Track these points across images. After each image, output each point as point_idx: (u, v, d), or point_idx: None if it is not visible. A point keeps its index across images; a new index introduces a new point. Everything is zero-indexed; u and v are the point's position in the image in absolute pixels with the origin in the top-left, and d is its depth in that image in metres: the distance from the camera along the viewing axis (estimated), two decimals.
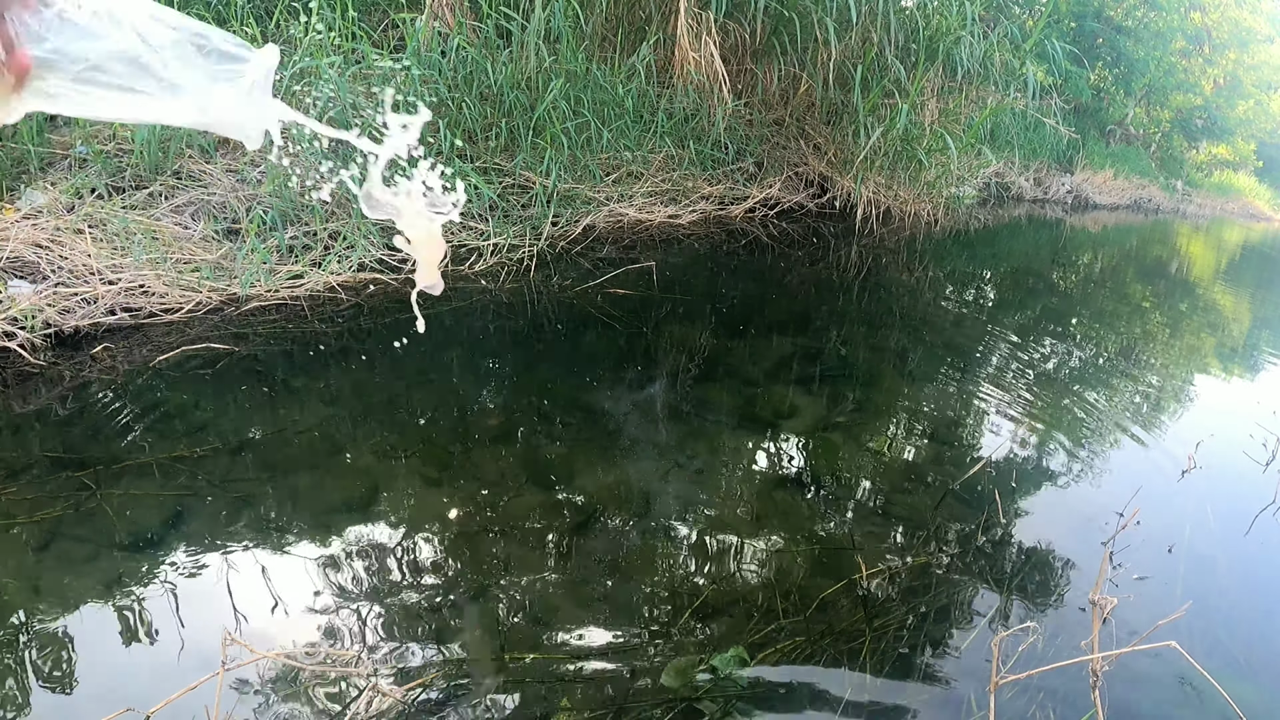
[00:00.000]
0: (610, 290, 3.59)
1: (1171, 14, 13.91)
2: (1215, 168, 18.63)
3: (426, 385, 2.58)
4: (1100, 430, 2.87)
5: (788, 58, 5.53)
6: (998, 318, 4.46)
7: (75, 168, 3.39)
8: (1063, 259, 7.04)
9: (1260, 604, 1.95)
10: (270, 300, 2.99)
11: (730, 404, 2.66)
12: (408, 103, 3.90)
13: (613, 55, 5.06)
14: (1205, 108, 16.51)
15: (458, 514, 1.90)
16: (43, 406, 2.18)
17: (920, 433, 2.67)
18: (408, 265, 3.45)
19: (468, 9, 4.59)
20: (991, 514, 2.12)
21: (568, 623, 1.58)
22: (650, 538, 1.88)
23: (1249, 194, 18.72)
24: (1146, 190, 13.73)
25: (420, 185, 0.61)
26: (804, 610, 1.67)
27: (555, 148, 4.39)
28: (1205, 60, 15.92)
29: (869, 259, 5.24)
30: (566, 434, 2.33)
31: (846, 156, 5.91)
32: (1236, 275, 8.50)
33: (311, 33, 3.78)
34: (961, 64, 5.60)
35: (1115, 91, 13.84)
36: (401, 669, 1.43)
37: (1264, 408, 3.21)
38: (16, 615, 1.48)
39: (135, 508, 1.78)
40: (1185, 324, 5.06)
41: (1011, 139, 8.21)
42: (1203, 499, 2.36)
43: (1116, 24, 13.48)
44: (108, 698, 1.31)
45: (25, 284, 2.64)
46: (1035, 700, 1.49)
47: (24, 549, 1.63)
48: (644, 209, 4.89)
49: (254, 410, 2.30)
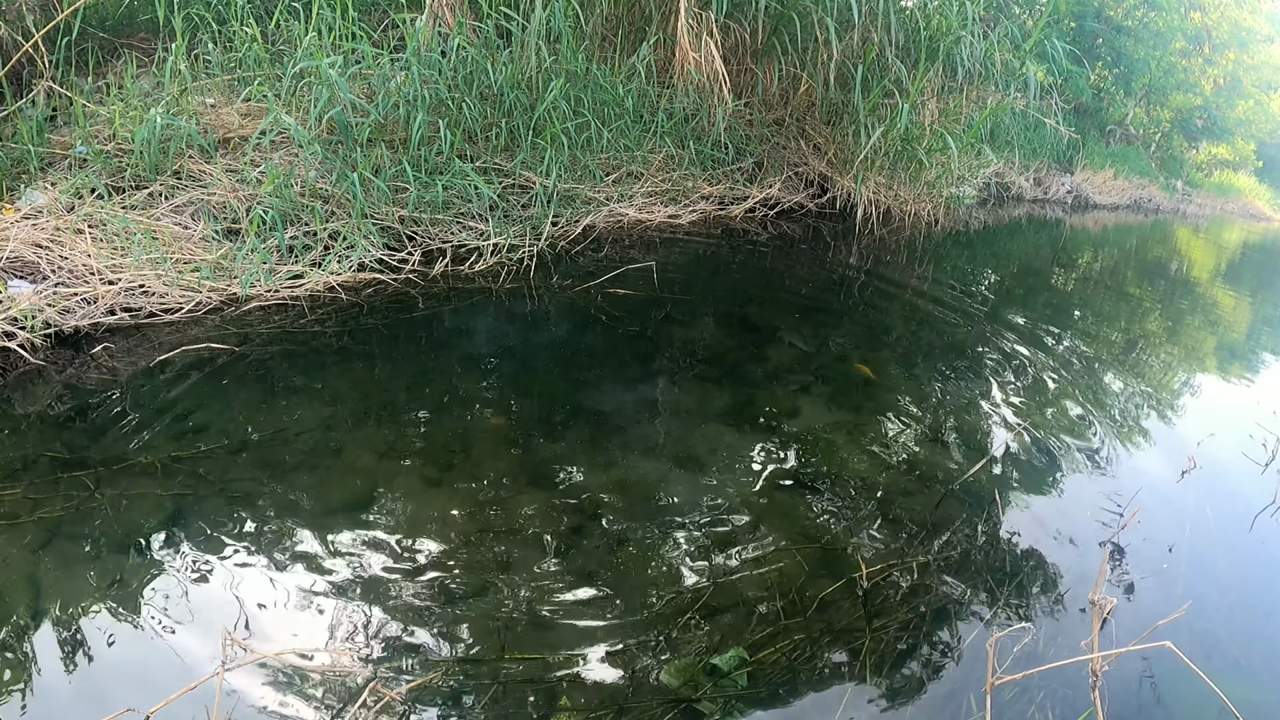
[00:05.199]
0: (610, 290, 3.59)
1: (1171, 14, 13.90)
2: (1215, 168, 18.62)
3: (426, 385, 2.58)
4: (1100, 430, 2.87)
5: (788, 58, 5.53)
6: (998, 318, 4.46)
7: (75, 168, 3.39)
8: (1063, 259, 7.04)
9: (1260, 604, 1.95)
10: (270, 300, 2.99)
11: (730, 404, 2.66)
12: (407, 103, 3.90)
13: (613, 55, 5.06)
14: (1205, 108, 16.49)
15: (457, 514, 1.90)
16: (43, 406, 2.18)
17: (920, 433, 2.67)
18: (408, 265, 3.45)
19: (468, 9, 4.59)
20: (991, 514, 2.12)
21: (568, 623, 1.58)
22: (650, 538, 1.88)
23: (1249, 194, 18.71)
24: (1146, 190, 13.73)
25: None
26: (804, 610, 1.67)
27: (555, 148, 4.39)
28: (1205, 60, 15.91)
29: (869, 259, 5.24)
30: (566, 434, 2.33)
31: (846, 156, 5.91)
32: (1236, 275, 8.50)
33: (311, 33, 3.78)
34: (962, 64, 5.60)
35: (1115, 91, 13.83)
36: (401, 669, 1.43)
37: (1264, 408, 3.21)
38: (16, 615, 1.48)
39: (135, 508, 1.78)
40: (1185, 324, 5.06)
41: (1011, 139, 8.21)
42: (1203, 499, 2.36)
43: (1116, 24, 13.47)
44: (108, 698, 1.31)
45: (25, 284, 2.64)
46: (1035, 700, 1.49)
47: (24, 549, 1.63)
48: (644, 209, 4.89)
49: (254, 410, 2.30)
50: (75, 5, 3.67)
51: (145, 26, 4.74)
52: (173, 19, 4.03)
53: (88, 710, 1.29)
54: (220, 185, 3.45)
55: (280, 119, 3.64)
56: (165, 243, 3.03)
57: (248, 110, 4.01)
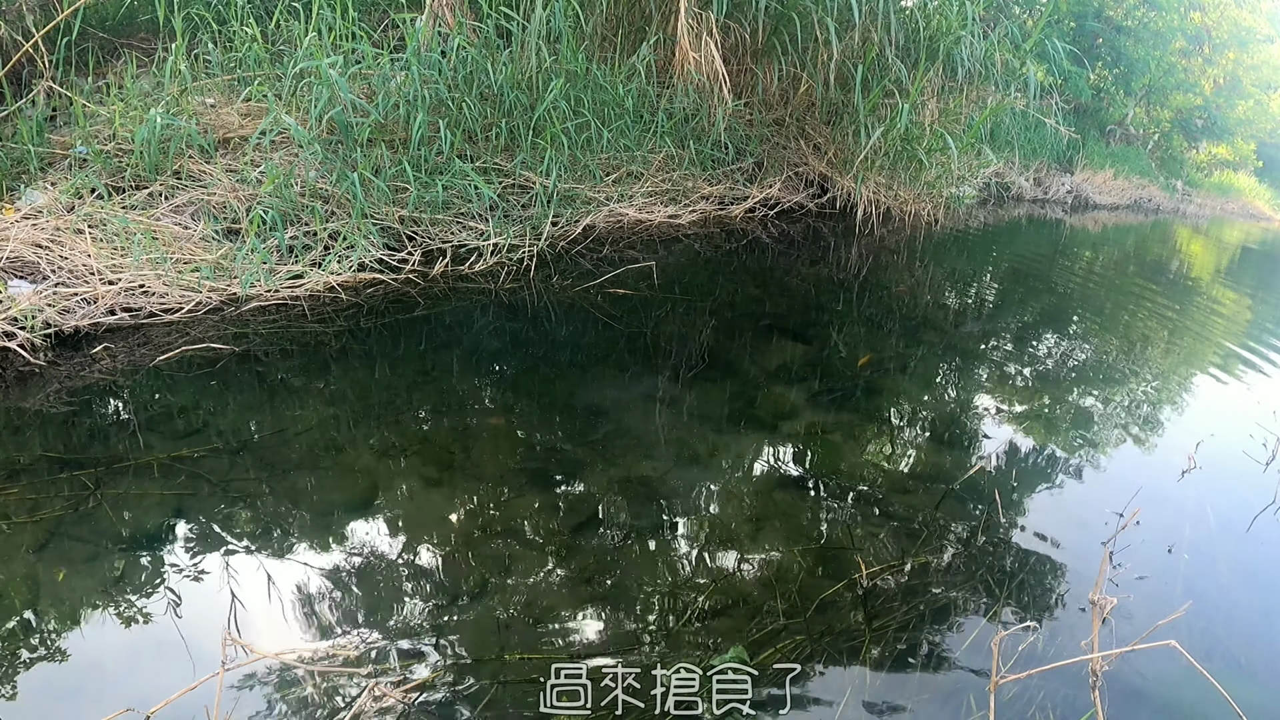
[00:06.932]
0: (610, 290, 3.59)
1: (1171, 14, 13.91)
2: (1215, 168, 18.63)
3: (427, 385, 2.58)
4: (1100, 430, 2.87)
5: (788, 58, 5.53)
6: (998, 317, 4.46)
7: (75, 168, 3.39)
8: (1063, 259, 7.04)
9: (1260, 604, 1.95)
10: (270, 300, 2.99)
11: (730, 404, 2.66)
12: (407, 103, 3.90)
13: (613, 55, 5.05)
14: (1205, 108, 16.50)
15: (457, 514, 1.90)
16: (43, 406, 2.18)
17: (920, 433, 2.67)
18: (408, 265, 3.45)
19: (468, 9, 4.59)
20: (991, 514, 2.12)
21: (568, 623, 1.58)
22: (650, 537, 1.88)
23: (1249, 194, 18.71)
24: (1146, 190, 13.73)
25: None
26: (804, 610, 1.67)
27: (555, 148, 4.39)
28: (1205, 60, 15.92)
29: (869, 259, 5.24)
30: (566, 434, 2.33)
31: (846, 156, 5.91)
32: (1236, 275, 8.50)
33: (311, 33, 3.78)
34: (962, 64, 5.60)
35: (1115, 91, 13.84)
36: (401, 669, 1.43)
37: (1264, 408, 3.21)
38: (16, 616, 1.48)
39: (135, 508, 1.78)
40: (1185, 324, 5.06)
41: (1011, 139, 8.20)
42: (1203, 499, 2.36)
43: (1116, 24, 13.48)
44: (108, 698, 1.31)
45: (25, 284, 2.64)
46: (1035, 700, 1.49)
47: (24, 549, 1.63)
48: (644, 209, 4.89)
49: (254, 410, 2.30)
50: (75, 5, 3.67)
51: (145, 26, 4.75)
52: (173, 19, 4.03)
53: (88, 710, 1.29)
54: (220, 185, 3.45)
55: (280, 119, 3.64)
56: (165, 243, 3.03)
57: (248, 110, 4.01)
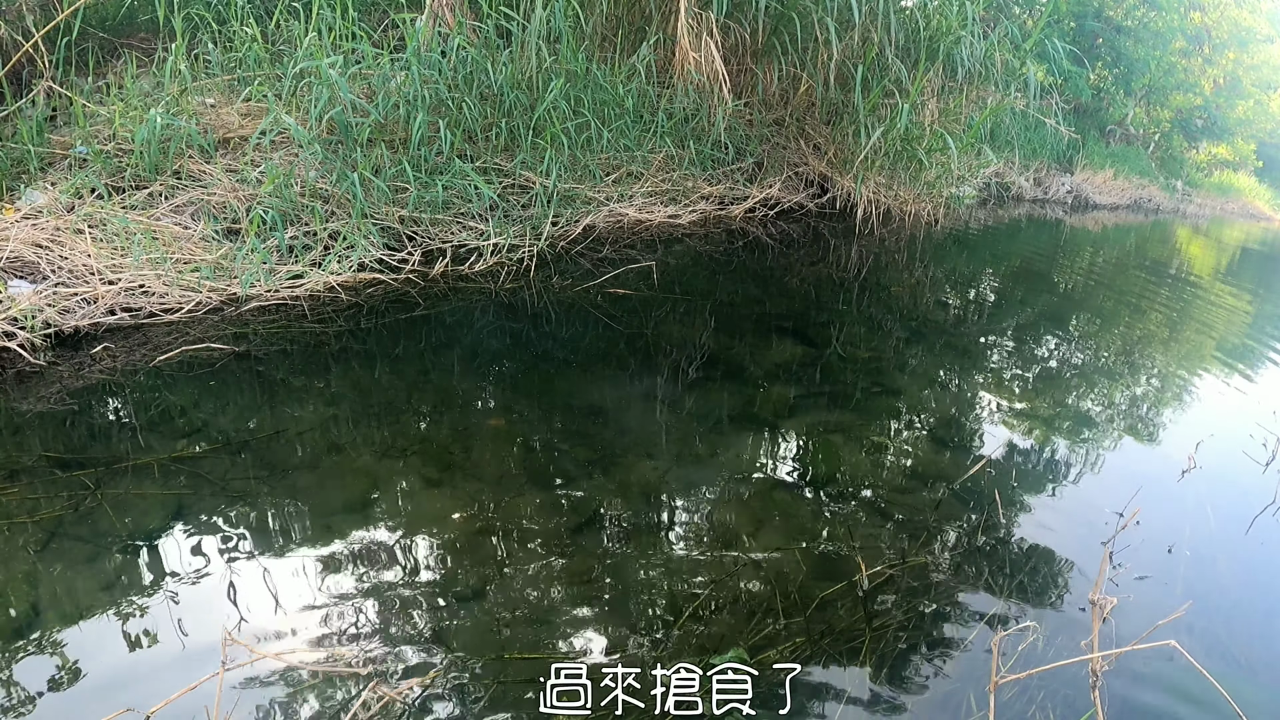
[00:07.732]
0: (610, 290, 3.59)
1: (1171, 14, 13.91)
2: (1215, 168, 18.63)
3: (426, 385, 2.58)
4: (1100, 430, 2.87)
5: (788, 58, 5.53)
6: (997, 317, 4.46)
7: (75, 168, 3.39)
8: (1063, 259, 7.04)
9: (1260, 604, 1.95)
10: (270, 300, 2.99)
11: (730, 404, 2.66)
12: (407, 103, 3.90)
13: (613, 55, 5.05)
14: (1205, 108, 16.50)
15: (457, 514, 1.89)
16: (43, 407, 2.18)
17: (920, 433, 2.67)
18: (408, 265, 3.45)
19: (468, 9, 4.59)
20: (991, 514, 2.12)
21: (568, 623, 1.58)
22: (650, 537, 1.88)
23: (1249, 194, 18.72)
24: (1146, 190, 13.73)
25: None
26: (804, 610, 1.67)
27: (555, 148, 4.39)
28: (1205, 60, 15.92)
29: (869, 259, 5.24)
30: (566, 434, 2.33)
31: (846, 156, 5.91)
32: (1236, 275, 8.50)
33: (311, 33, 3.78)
34: (962, 64, 5.60)
35: (1115, 91, 13.84)
36: (401, 669, 1.43)
37: (1264, 408, 3.21)
38: (17, 616, 1.48)
39: (135, 508, 1.78)
40: (1185, 324, 5.06)
41: (1011, 139, 8.21)
42: (1203, 499, 2.36)
43: (1116, 24, 13.48)
44: (108, 698, 1.31)
45: (25, 284, 2.64)
46: (1035, 700, 1.49)
47: (24, 549, 1.63)
48: (644, 209, 4.89)
49: (254, 410, 2.30)
50: (75, 5, 3.67)
51: (145, 26, 4.74)
52: (173, 19, 4.03)
53: (88, 710, 1.29)
54: (220, 185, 3.45)
55: (280, 119, 3.64)
56: (165, 243, 3.03)
57: (248, 110, 4.01)
